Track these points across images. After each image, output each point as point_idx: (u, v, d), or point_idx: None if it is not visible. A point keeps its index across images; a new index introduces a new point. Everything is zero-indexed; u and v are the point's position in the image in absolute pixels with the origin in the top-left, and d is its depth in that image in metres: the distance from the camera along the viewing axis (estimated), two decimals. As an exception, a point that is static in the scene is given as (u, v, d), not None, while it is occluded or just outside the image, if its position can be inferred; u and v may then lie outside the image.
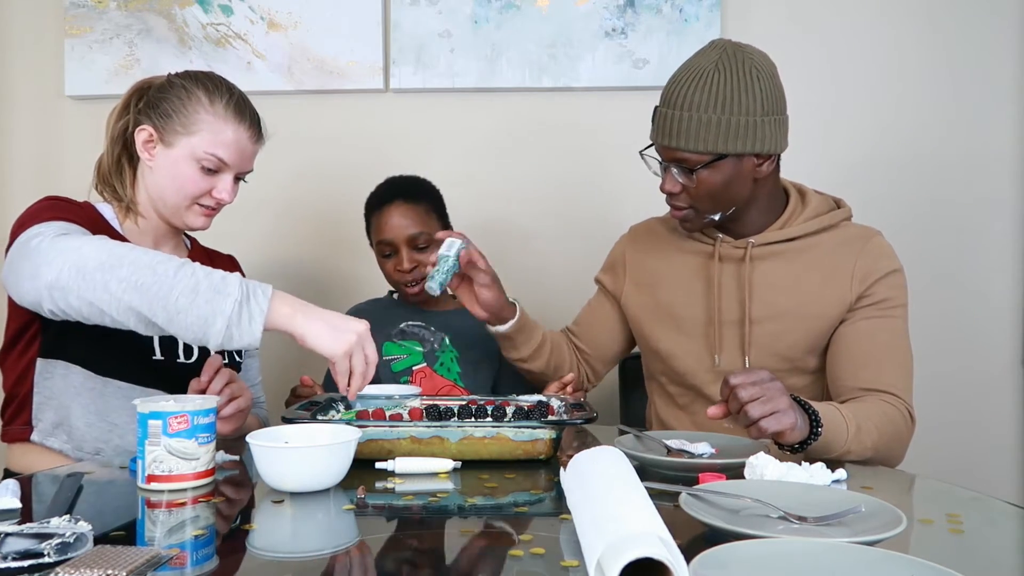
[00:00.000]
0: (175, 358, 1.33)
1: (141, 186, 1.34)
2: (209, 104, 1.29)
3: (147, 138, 1.30)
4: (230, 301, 1.03)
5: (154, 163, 1.30)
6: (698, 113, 1.25)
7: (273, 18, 2.08)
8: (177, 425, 0.95)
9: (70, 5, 2.09)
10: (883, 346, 1.31)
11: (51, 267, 1.06)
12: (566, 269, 2.08)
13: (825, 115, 2.03)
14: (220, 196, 1.32)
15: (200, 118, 1.28)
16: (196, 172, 1.29)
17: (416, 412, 1.19)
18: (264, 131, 1.37)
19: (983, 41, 2.00)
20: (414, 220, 1.63)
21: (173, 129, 1.28)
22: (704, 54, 1.29)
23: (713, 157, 1.27)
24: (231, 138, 1.29)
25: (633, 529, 0.64)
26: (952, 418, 2.00)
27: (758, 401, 1.05)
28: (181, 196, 1.30)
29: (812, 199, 1.41)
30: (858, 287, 1.32)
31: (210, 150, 1.28)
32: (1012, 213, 2.00)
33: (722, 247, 1.39)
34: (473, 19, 2.05)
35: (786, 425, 1.05)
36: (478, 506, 0.93)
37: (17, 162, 2.17)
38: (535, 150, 2.09)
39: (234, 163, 1.31)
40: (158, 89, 1.32)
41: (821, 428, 1.10)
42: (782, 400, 1.06)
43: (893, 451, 1.24)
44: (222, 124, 1.29)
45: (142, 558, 0.67)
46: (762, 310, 1.36)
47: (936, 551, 0.77)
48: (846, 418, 1.16)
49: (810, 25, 2.04)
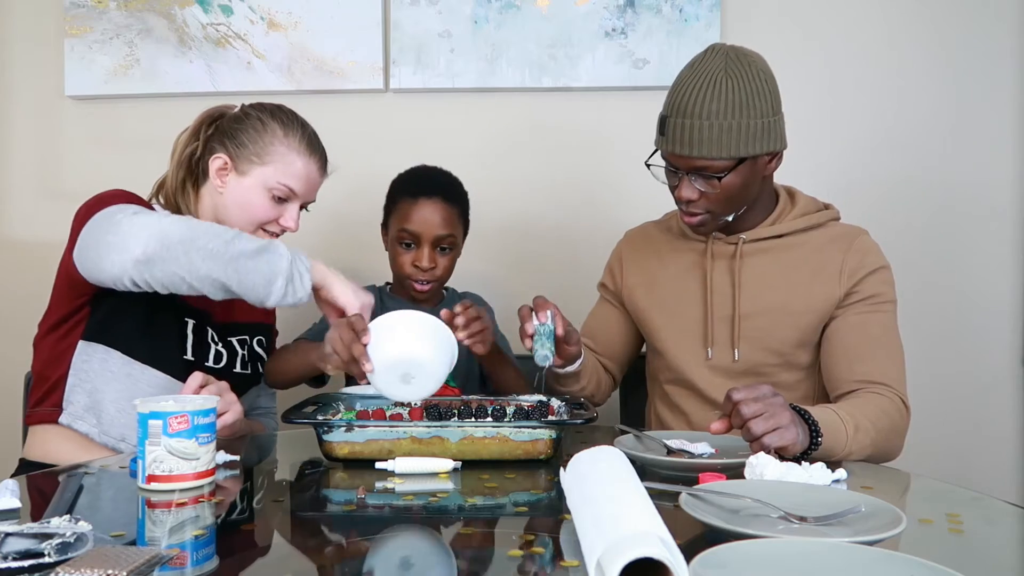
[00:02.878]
0: (204, 360, 1.36)
1: (205, 205, 1.39)
2: (284, 136, 1.35)
3: (221, 166, 1.35)
4: (284, 261, 1.19)
5: (225, 190, 1.36)
6: (717, 120, 1.26)
7: (273, 18, 2.07)
8: (177, 425, 0.95)
9: (70, 5, 2.09)
10: (875, 339, 1.33)
11: (138, 241, 1.14)
12: (566, 269, 2.07)
13: (825, 115, 2.03)
14: (287, 224, 1.39)
15: (275, 149, 1.34)
16: (267, 200, 1.35)
17: (416, 412, 1.19)
18: (329, 165, 1.43)
19: (984, 44, 2.00)
20: (446, 220, 1.60)
21: (248, 158, 1.34)
22: (709, 61, 1.30)
23: (736, 162, 1.29)
24: (302, 170, 1.36)
25: (633, 529, 0.64)
26: (952, 418, 2.00)
27: (761, 417, 1.05)
28: (247, 221, 1.35)
29: (801, 199, 1.44)
30: (846, 283, 1.35)
31: (283, 180, 1.34)
32: (1011, 213, 2.00)
33: (715, 245, 1.42)
34: (473, 19, 2.05)
35: (788, 440, 1.05)
36: (478, 506, 0.93)
37: (17, 162, 2.17)
38: (535, 150, 2.09)
39: (302, 193, 1.38)
40: (233, 119, 1.38)
41: (821, 438, 1.11)
42: (784, 415, 1.06)
43: (891, 443, 1.26)
44: (295, 156, 1.36)
45: (142, 558, 0.67)
46: (751, 305, 1.38)
47: (936, 551, 0.77)
48: (844, 421, 1.16)
49: (810, 25, 2.03)
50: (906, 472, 1.15)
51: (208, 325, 1.39)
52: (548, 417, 1.17)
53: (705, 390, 1.42)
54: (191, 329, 1.35)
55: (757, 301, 1.38)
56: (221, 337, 1.41)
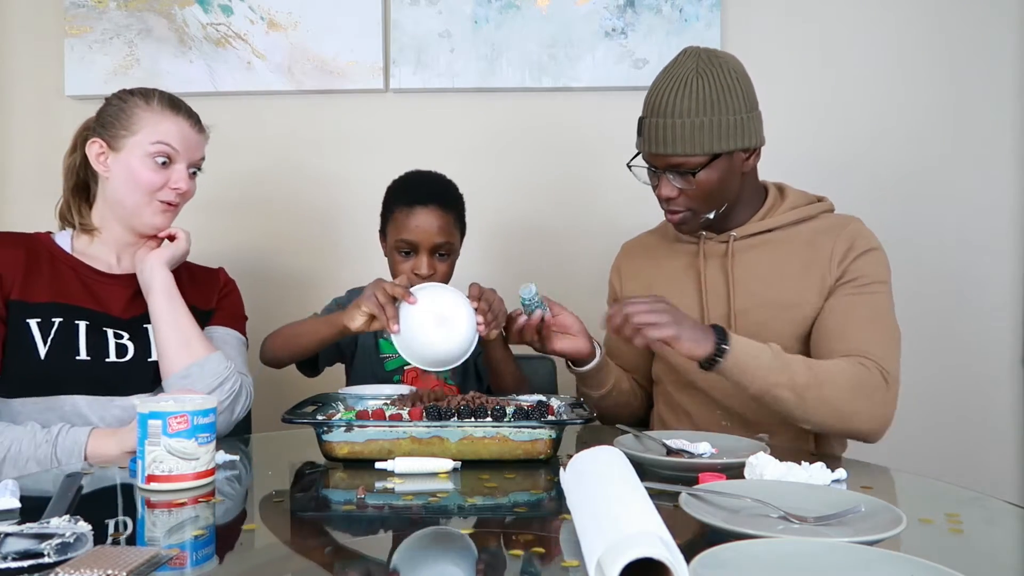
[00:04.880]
0: (105, 357, 1.34)
1: (98, 205, 1.41)
2: (145, 104, 1.37)
3: (99, 150, 1.37)
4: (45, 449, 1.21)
5: (110, 173, 1.36)
6: (690, 118, 1.30)
7: (273, 18, 2.07)
8: (177, 425, 0.95)
9: (70, 5, 2.09)
10: (859, 320, 1.32)
11: None
12: (565, 269, 2.07)
13: (824, 114, 2.03)
14: (177, 185, 1.36)
15: (139, 116, 1.35)
16: (149, 167, 1.35)
17: (416, 412, 1.19)
18: (204, 125, 1.42)
19: (985, 41, 2.00)
20: (443, 228, 1.59)
21: (118, 135, 1.35)
22: (680, 63, 1.35)
23: (710, 158, 1.32)
24: (172, 127, 1.36)
25: (633, 529, 0.64)
26: (952, 418, 2.00)
27: (644, 312, 1.21)
28: (140, 194, 1.35)
29: (791, 193, 1.46)
30: (836, 270, 1.36)
31: (155, 139, 1.35)
32: (1012, 212, 2.00)
33: (707, 244, 1.45)
34: (473, 19, 2.05)
35: (666, 334, 1.20)
36: (478, 506, 0.93)
37: (17, 162, 2.17)
38: (535, 150, 2.09)
39: (181, 150, 1.37)
40: (98, 112, 1.40)
41: (727, 346, 1.21)
42: (665, 315, 1.21)
43: (854, 404, 1.25)
44: (159, 117, 1.36)
45: (142, 558, 0.67)
46: (745, 301, 1.39)
47: (936, 551, 0.77)
48: (771, 348, 1.24)
49: (811, 25, 2.03)
50: (906, 472, 1.15)
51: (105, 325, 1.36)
52: (548, 417, 1.17)
53: (707, 389, 1.42)
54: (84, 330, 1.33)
55: (751, 297, 1.39)
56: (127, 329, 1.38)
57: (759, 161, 1.40)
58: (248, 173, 2.12)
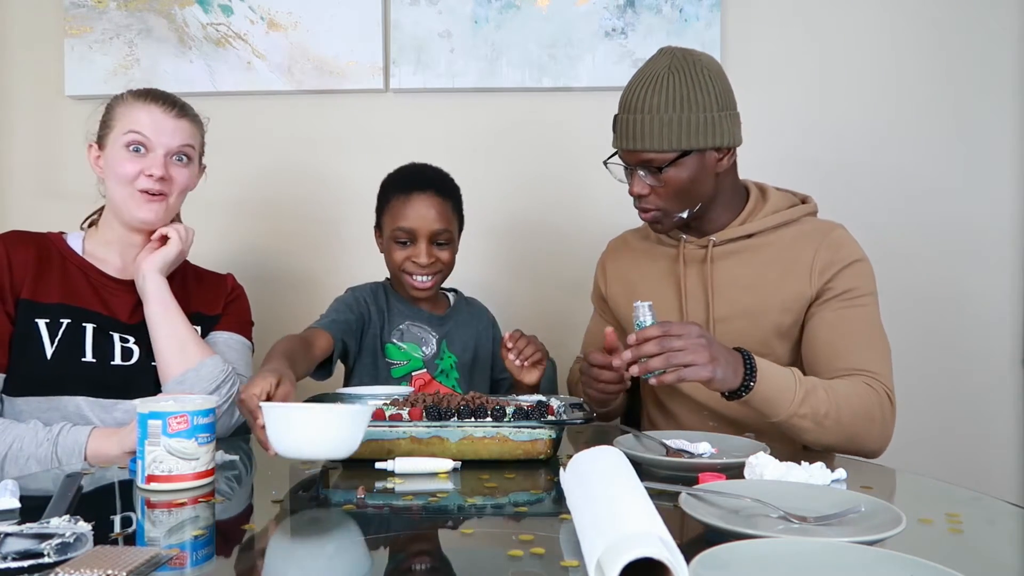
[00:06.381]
0: (110, 359, 1.34)
1: (105, 208, 1.44)
2: (122, 99, 1.40)
3: (94, 153, 1.40)
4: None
5: (103, 173, 1.39)
6: (659, 114, 1.30)
7: (273, 18, 2.07)
8: (177, 425, 0.95)
9: (70, 5, 2.09)
10: (855, 334, 1.32)
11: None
12: (565, 269, 2.07)
13: (824, 114, 2.03)
14: (151, 172, 1.36)
15: (116, 111, 1.39)
16: (125, 156, 1.36)
17: (416, 412, 1.19)
18: (188, 109, 1.43)
19: (983, 43, 2.00)
20: (441, 214, 1.58)
21: (103, 134, 1.39)
22: (655, 61, 1.35)
23: (678, 154, 1.31)
24: (142, 115, 1.37)
25: (633, 529, 0.64)
26: (952, 418, 2.00)
27: (679, 353, 1.12)
28: (121, 185, 1.36)
29: (772, 195, 1.44)
30: (818, 280, 1.34)
31: (127, 129, 1.36)
32: (1011, 213, 2.00)
33: (686, 249, 1.43)
34: (473, 19, 2.05)
35: (703, 376, 1.13)
36: (478, 506, 0.93)
37: (17, 162, 2.17)
38: (535, 150, 2.09)
39: (154, 136, 1.36)
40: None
41: (754, 382, 1.16)
42: (703, 353, 1.13)
43: (866, 429, 1.25)
44: (130, 108, 1.38)
45: (142, 558, 0.68)
46: (725, 309, 1.38)
47: (936, 551, 0.77)
48: (797, 381, 1.20)
49: (811, 25, 2.03)
50: (906, 472, 1.15)
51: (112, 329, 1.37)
52: (547, 417, 1.17)
53: (692, 394, 1.42)
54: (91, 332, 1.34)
55: (730, 305, 1.38)
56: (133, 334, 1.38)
57: (735, 161, 1.38)
58: (248, 173, 2.12)
